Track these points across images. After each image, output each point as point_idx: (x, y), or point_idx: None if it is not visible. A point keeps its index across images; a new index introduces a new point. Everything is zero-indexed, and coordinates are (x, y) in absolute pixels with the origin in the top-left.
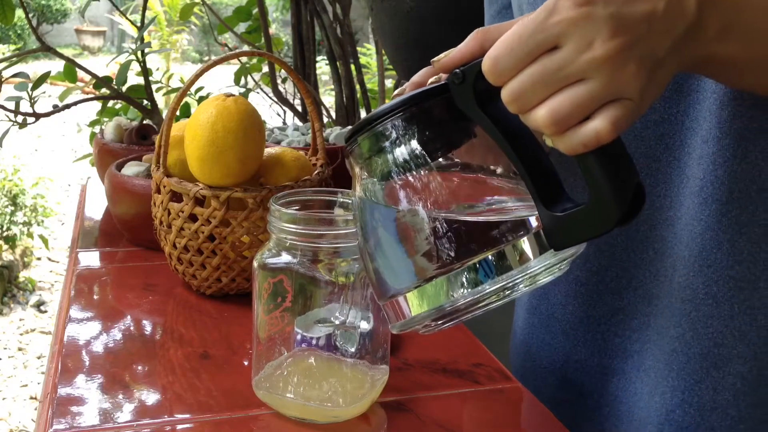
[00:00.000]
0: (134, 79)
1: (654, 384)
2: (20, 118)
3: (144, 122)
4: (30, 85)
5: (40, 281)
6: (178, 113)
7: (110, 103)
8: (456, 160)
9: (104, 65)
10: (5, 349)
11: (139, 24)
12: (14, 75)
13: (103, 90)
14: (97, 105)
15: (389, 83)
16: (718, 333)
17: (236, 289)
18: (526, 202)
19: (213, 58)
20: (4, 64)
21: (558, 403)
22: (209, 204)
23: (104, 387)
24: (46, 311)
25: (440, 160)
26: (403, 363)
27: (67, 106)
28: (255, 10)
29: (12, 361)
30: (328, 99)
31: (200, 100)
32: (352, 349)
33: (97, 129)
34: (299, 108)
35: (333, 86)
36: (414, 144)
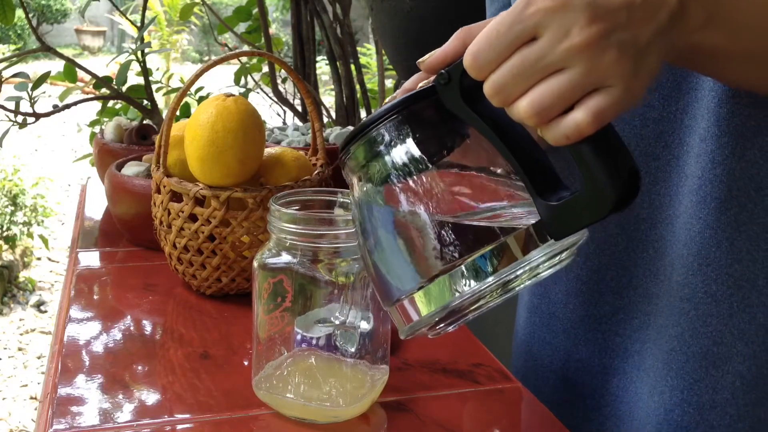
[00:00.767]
0: (134, 79)
1: (653, 383)
2: (20, 118)
3: (144, 122)
4: (30, 85)
5: (40, 281)
6: (178, 113)
7: (110, 103)
8: (452, 161)
9: (104, 65)
10: (5, 349)
11: (139, 24)
12: (14, 75)
13: (103, 90)
14: (97, 105)
15: (389, 83)
16: (717, 332)
17: (236, 289)
18: (524, 196)
19: (213, 58)
20: (4, 64)
21: (558, 403)
22: (209, 204)
23: (104, 387)
24: (46, 311)
25: (436, 161)
26: (403, 363)
27: (67, 106)
28: (255, 10)
29: (12, 361)
30: (328, 99)
31: (200, 100)
32: (352, 349)
33: (97, 129)
34: (299, 108)
35: (333, 86)
36: (408, 146)
